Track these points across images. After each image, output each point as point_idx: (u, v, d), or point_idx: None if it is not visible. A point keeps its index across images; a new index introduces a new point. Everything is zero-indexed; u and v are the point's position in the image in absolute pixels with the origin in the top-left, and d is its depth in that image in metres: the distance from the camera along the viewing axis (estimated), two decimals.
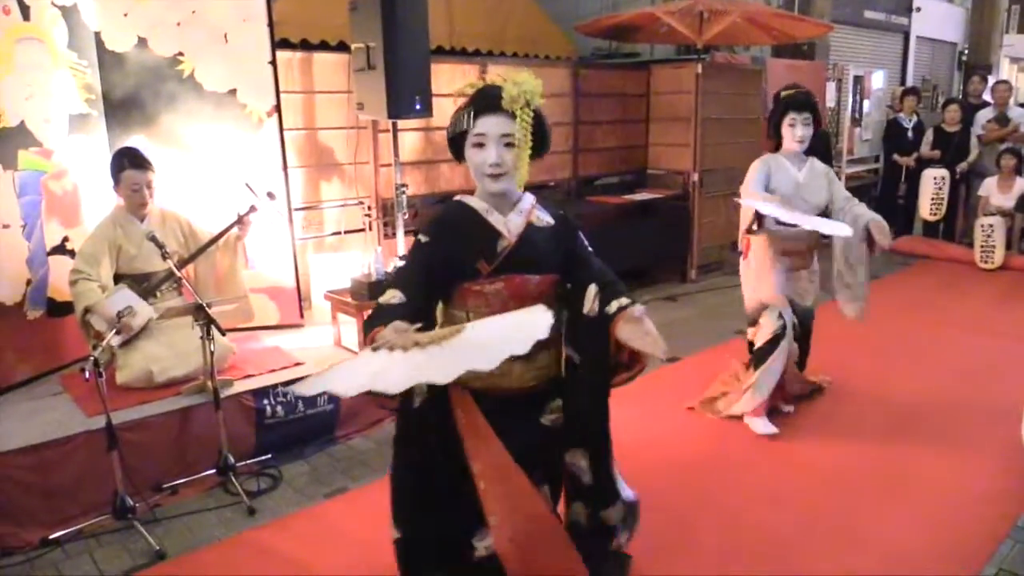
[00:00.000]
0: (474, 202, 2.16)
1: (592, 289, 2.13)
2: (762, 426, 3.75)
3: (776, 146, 3.81)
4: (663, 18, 6.39)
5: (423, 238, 2.13)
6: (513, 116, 2.02)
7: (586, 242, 2.29)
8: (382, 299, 2.02)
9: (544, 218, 2.21)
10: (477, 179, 2.11)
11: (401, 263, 2.24)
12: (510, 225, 2.14)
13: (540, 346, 1.92)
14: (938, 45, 13.01)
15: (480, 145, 2.04)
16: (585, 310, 2.12)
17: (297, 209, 4.72)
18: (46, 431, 3.10)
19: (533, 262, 2.14)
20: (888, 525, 2.99)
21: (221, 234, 3.78)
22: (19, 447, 2.99)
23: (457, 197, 2.23)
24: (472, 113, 2.04)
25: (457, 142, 2.12)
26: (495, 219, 2.13)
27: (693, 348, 5.05)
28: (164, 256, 3.33)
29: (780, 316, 3.77)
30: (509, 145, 2.03)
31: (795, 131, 3.67)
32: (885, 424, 3.88)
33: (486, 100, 2.04)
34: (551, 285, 2.20)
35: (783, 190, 3.70)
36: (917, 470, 3.41)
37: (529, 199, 2.21)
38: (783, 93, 3.76)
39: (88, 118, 4.02)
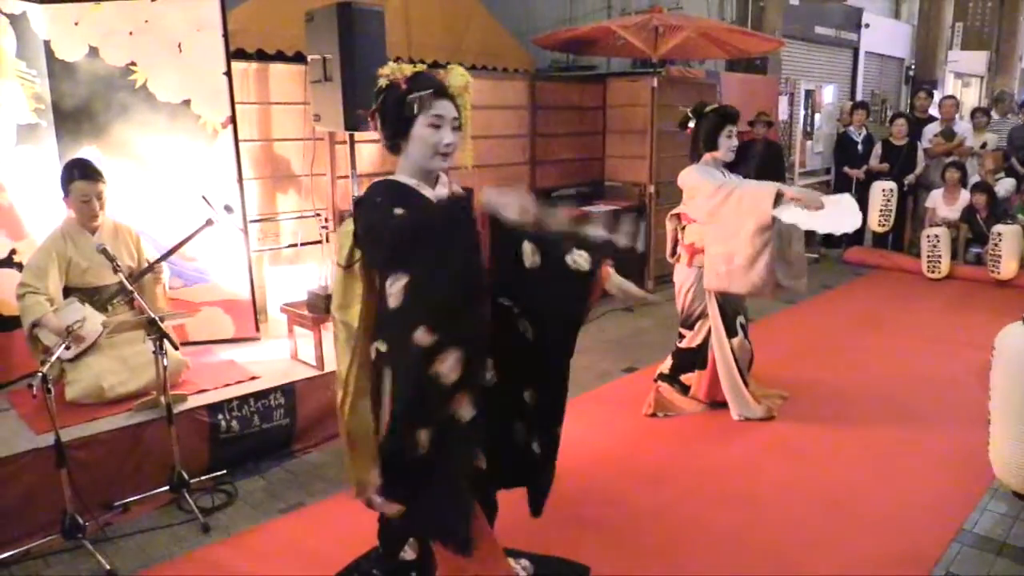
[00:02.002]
0: (404, 179, 2.23)
1: (527, 244, 2.17)
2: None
3: (700, 156, 4.04)
4: (619, 32, 6.47)
5: (376, 200, 2.18)
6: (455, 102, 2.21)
7: None
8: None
9: (458, 189, 2.37)
10: (422, 157, 2.18)
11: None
12: (438, 196, 2.25)
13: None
14: (886, 60, 13.37)
15: (436, 126, 2.15)
16: (527, 264, 2.17)
17: (253, 221, 4.68)
18: None
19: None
20: (839, 531, 3.05)
21: (176, 247, 3.73)
22: None
23: (384, 177, 2.32)
24: (432, 95, 2.15)
25: (404, 123, 2.17)
26: (426, 191, 2.23)
27: (651, 358, 5.09)
28: (115, 269, 3.28)
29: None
30: (455, 129, 2.19)
31: (731, 141, 3.98)
32: (835, 432, 3.96)
33: (437, 86, 2.17)
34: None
35: None
36: (866, 477, 3.49)
37: (444, 175, 2.32)
38: (716, 108, 4.06)
39: (37, 128, 3.94)
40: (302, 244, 5.04)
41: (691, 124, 4.08)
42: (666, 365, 4.32)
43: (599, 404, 4.41)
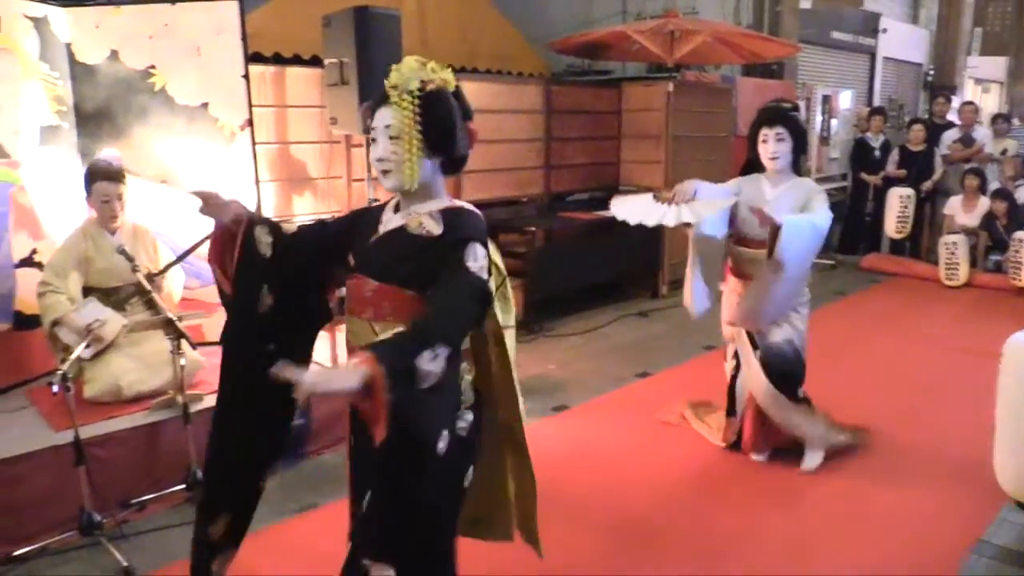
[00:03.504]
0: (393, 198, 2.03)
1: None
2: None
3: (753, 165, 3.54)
4: (634, 37, 6.49)
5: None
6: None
7: (473, 270, 1.83)
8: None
9: (428, 227, 1.87)
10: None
11: None
12: (388, 223, 1.96)
13: None
14: (904, 66, 13.28)
15: (374, 140, 1.89)
16: None
17: None
18: (12, 446, 3.06)
19: (378, 266, 1.92)
20: (853, 540, 3.04)
21: (193, 248, 3.76)
22: None
23: None
24: (372, 108, 1.92)
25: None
26: (384, 215, 1.99)
27: (664, 364, 5.11)
28: (134, 269, 3.31)
29: (734, 355, 3.67)
30: (393, 138, 1.84)
31: (767, 147, 3.36)
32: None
33: (381, 92, 1.90)
34: (390, 298, 1.90)
35: (744, 211, 3.44)
36: (882, 486, 3.47)
37: (434, 204, 1.92)
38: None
39: (59, 130, 3.99)
40: None
41: None
42: None
43: (613, 409, 4.41)
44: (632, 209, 3.36)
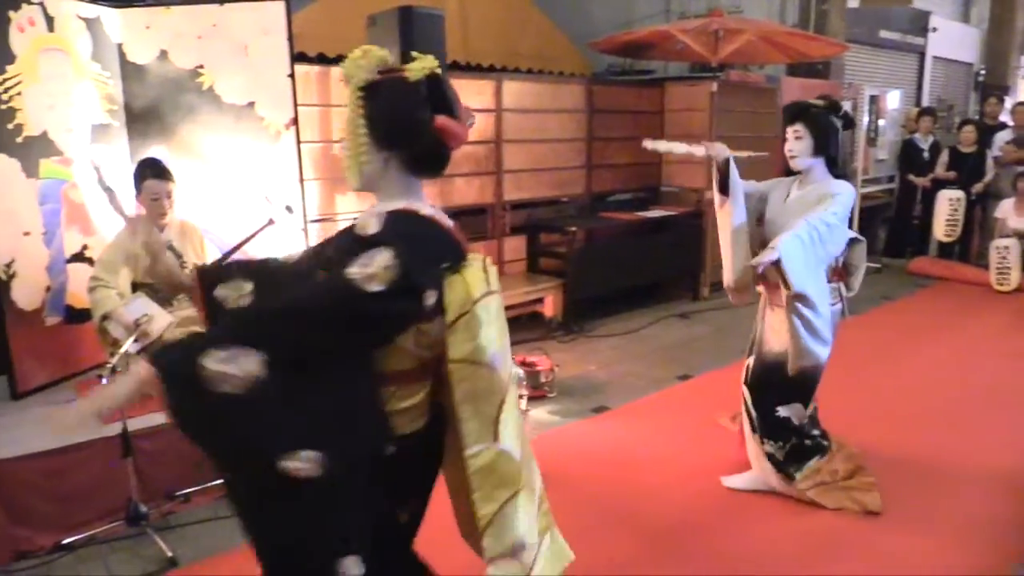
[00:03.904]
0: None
1: None
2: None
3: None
4: (678, 36, 6.43)
5: None
6: None
7: (351, 274, 1.52)
8: None
9: (367, 227, 1.62)
10: None
11: None
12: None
13: None
14: (954, 65, 12.99)
15: None
16: None
17: (312, 221, 4.75)
18: (62, 437, 3.12)
19: (329, 268, 1.68)
20: (895, 548, 2.97)
21: (238, 246, 3.80)
22: (35, 452, 3.03)
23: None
24: None
25: None
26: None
27: (705, 367, 5.05)
28: (182, 266, 3.37)
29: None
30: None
31: (786, 145, 3.20)
32: (893, 447, 3.84)
33: None
34: None
35: (770, 210, 3.33)
36: (926, 494, 3.39)
37: (391, 205, 1.68)
38: None
39: (109, 128, 4.07)
40: None
41: None
42: None
43: (653, 411, 4.38)
44: (660, 144, 3.40)
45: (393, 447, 1.66)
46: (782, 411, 3.26)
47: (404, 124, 1.65)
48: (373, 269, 1.51)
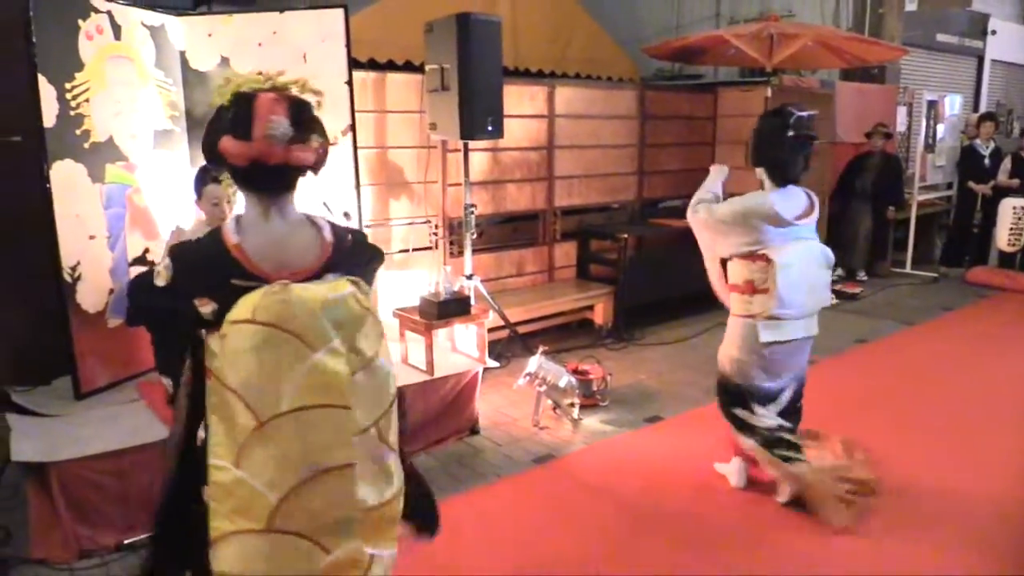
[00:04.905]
0: None
1: None
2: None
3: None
4: (732, 41, 6.34)
5: None
6: None
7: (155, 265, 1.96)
8: None
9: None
10: None
11: None
12: None
13: None
14: (1014, 69, 12.64)
15: None
16: None
17: (367, 226, 4.78)
18: (123, 438, 3.17)
19: None
20: (944, 544, 2.88)
21: None
22: (99, 452, 3.07)
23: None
24: None
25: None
26: None
27: None
28: None
29: None
30: None
31: None
32: (951, 460, 3.76)
33: None
34: None
35: None
36: (988, 508, 3.29)
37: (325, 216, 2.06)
38: None
39: (171, 134, 4.14)
40: (413, 250, 5.13)
41: None
42: None
43: (708, 422, 4.29)
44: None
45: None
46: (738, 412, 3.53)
47: (205, 147, 1.83)
48: (159, 266, 1.82)
